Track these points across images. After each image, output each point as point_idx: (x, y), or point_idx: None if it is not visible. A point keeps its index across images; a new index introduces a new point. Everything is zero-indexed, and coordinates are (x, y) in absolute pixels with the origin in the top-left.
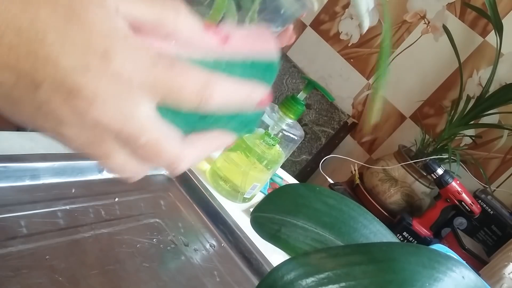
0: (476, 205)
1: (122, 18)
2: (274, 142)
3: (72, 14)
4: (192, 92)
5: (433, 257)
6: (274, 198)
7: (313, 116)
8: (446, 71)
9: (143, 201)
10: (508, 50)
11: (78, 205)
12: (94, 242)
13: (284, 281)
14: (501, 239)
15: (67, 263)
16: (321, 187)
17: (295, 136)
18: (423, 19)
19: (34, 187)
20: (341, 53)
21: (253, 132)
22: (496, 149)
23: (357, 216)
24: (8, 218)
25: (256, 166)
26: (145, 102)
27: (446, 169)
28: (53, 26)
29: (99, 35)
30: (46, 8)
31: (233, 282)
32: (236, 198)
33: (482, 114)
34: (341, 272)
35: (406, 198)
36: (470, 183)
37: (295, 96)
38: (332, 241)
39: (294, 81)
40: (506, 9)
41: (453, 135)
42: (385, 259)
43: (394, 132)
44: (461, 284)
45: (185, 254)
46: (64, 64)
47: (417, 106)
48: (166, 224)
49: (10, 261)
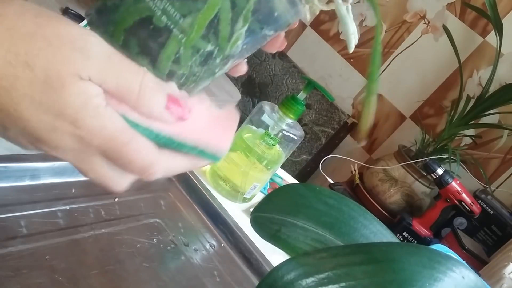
0: (476, 205)
1: (96, 86)
2: (274, 142)
3: (47, 87)
4: (138, 169)
5: (433, 257)
6: (274, 198)
7: (313, 116)
8: (446, 71)
9: (143, 201)
10: (508, 50)
11: (78, 205)
12: (94, 242)
13: (284, 281)
14: (501, 239)
15: (67, 263)
16: (321, 187)
17: (295, 136)
18: (423, 19)
19: (34, 187)
20: (341, 53)
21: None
22: (496, 149)
23: (357, 216)
24: (8, 218)
25: (256, 166)
26: (98, 160)
27: (446, 169)
28: (28, 96)
29: (71, 106)
30: (23, 80)
31: (233, 282)
32: (236, 198)
33: (482, 114)
34: (341, 272)
35: (406, 198)
36: (470, 183)
37: (295, 96)
38: (332, 241)
39: (294, 81)
40: (506, 9)
41: (453, 135)
42: (385, 259)
43: (394, 132)
44: (461, 284)
45: (185, 254)
46: (33, 125)
47: (417, 106)
48: (166, 224)
49: (10, 261)
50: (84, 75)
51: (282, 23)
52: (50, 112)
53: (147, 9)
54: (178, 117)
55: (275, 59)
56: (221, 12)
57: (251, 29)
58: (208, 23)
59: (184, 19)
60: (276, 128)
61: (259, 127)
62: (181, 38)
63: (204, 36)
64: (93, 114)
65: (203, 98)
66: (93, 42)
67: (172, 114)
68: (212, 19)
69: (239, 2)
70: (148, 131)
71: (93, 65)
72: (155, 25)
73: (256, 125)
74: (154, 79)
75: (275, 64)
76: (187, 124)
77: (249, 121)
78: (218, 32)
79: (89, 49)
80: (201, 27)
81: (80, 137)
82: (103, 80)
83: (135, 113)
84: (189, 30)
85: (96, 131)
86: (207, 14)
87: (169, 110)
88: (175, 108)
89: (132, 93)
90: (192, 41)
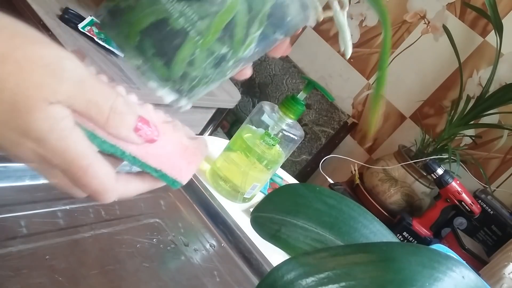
0: (476, 205)
1: (64, 109)
2: (274, 142)
3: (14, 110)
4: (92, 192)
5: (433, 257)
6: (274, 198)
7: (313, 116)
8: (446, 71)
9: (143, 201)
10: (508, 50)
11: (78, 205)
12: (94, 242)
13: (284, 281)
14: (501, 239)
15: (67, 263)
16: (321, 187)
17: (295, 136)
18: (423, 19)
19: (34, 187)
20: (341, 53)
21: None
22: (496, 149)
23: (357, 216)
24: (8, 218)
25: (256, 166)
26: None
27: (446, 169)
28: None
29: (37, 130)
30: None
31: (233, 282)
32: (236, 198)
33: (482, 114)
34: (341, 272)
35: (406, 198)
36: (470, 183)
37: (295, 96)
38: (332, 241)
39: (294, 81)
40: (506, 9)
41: (453, 135)
42: (385, 259)
43: (394, 132)
44: (461, 284)
45: (185, 254)
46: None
47: (417, 106)
48: (166, 224)
49: (10, 261)
50: (54, 100)
51: (292, 28)
52: (16, 131)
53: (163, 11)
54: (147, 139)
55: (275, 59)
56: (238, 15)
57: (264, 33)
58: (225, 26)
59: (201, 22)
60: (276, 128)
61: (259, 127)
62: (198, 40)
63: (220, 38)
64: (58, 137)
65: (178, 127)
66: (67, 66)
67: (141, 136)
68: (229, 22)
69: (256, 6)
70: (115, 148)
71: (64, 90)
72: (171, 27)
73: (256, 125)
74: (124, 103)
75: (275, 64)
76: (155, 147)
77: (249, 121)
78: (233, 35)
79: (62, 74)
80: (218, 30)
81: (43, 155)
82: (72, 103)
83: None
84: (206, 33)
85: (58, 152)
86: (225, 17)
87: (138, 132)
88: (145, 130)
89: (101, 116)
90: (208, 44)
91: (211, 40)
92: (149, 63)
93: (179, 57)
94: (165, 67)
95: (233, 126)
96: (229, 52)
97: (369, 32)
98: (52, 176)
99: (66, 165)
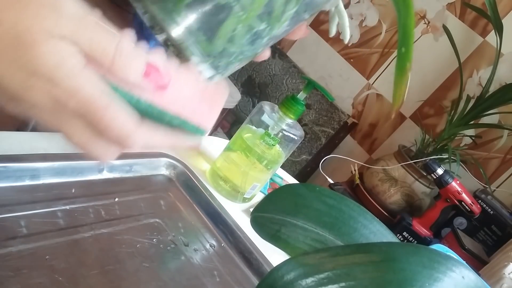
0: (476, 205)
1: (71, 46)
2: (274, 142)
3: (19, 44)
4: (115, 137)
5: (433, 257)
6: (274, 198)
7: (313, 116)
8: (446, 71)
9: (143, 201)
10: (508, 50)
11: (78, 205)
12: (94, 242)
13: (284, 281)
14: (501, 239)
15: (67, 263)
16: (321, 187)
17: (295, 136)
18: (423, 19)
19: (34, 187)
20: (341, 53)
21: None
22: (496, 149)
23: (357, 216)
24: (8, 218)
25: (256, 166)
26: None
27: (446, 169)
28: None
29: (45, 65)
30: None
31: (233, 282)
32: (236, 198)
33: (482, 114)
34: (341, 272)
35: (406, 198)
36: (470, 183)
37: (295, 96)
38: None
39: (294, 81)
40: (506, 9)
41: (453, 135)
42: (385, 259)
43: (394, 132)
44: (461, 284)
45: (185, 254)
46: (7, 81)
47: (417, 106)
48: (166, 224)
49: (10, 261)
50: (56, 33)
51: (316, 7)
52: (24, 69)
53: None
54: (158, 86)
55: (275, 59)
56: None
57: (297, 11)
58: (267, 2)
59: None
60: (276, 128)
61: (259, 127)
62: (241, 16)
63: (261, 15)
64: (69, 74)
65: (192, 68)
66: (68, 3)
67: (151, 81)
68: None
69: None
70: (129, 96)
71: (66, 24)
72: (217, 1)
73: (256, 125)
74: (131, 45)
75: (275, 64)
76: (170, 93)
77: (249, 121)
78: (272, 11)
79: (61, 7)
80: (260, 5)
81: (56, 96)
82: (77, 39)
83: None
84: (250, 8)
85: (72, 92)
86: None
87: (148, 78)
88: (154, 76)
89: (106, 56)
90: (250, 19)
91: (253, 15)
92: (193, 37)
93: (222, 32)
94: (207, 42)
95: (233, 126)
96: (266, 29)
97: (369, 32)
98: (71, 127)
99: (83, 107)
